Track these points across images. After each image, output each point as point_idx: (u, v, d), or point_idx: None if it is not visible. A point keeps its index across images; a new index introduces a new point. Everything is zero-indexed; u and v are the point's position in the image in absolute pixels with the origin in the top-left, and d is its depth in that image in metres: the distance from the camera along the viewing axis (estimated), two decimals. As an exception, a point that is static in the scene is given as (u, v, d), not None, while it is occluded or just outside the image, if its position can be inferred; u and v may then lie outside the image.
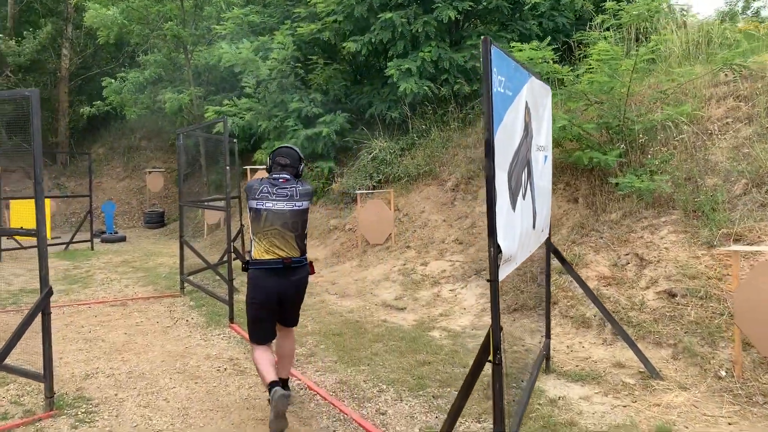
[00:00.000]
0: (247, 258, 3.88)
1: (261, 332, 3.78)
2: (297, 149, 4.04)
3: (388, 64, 10.21)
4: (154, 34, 14.93)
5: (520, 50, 8.75)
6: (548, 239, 4.51)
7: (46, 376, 3.88)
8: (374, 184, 10.14)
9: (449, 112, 10.43)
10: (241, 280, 7.37)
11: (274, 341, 3.93)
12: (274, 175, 3.87)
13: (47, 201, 12.88)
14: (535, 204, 3.82)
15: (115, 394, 4.28)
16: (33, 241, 12.59)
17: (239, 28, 12.41)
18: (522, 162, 3.47)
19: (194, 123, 15.38)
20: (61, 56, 19.04)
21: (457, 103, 10.45)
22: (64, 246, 12.31)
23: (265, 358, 3.72)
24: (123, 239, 14.32)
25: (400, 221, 8.91)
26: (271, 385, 3.57)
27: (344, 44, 10.63)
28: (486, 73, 2.74)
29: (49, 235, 13.00)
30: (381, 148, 10.37)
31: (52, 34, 18.41)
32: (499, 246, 2.78)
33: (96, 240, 13.43)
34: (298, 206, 3.78)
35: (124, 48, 19.03)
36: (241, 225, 9.89)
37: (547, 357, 4.72)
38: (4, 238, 11.66)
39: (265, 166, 4.52)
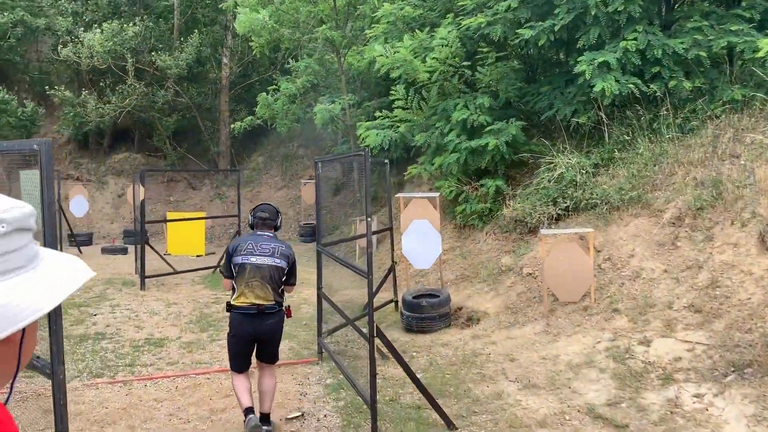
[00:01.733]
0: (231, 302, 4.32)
1: (239, 363, 4.33)
2: (274, 205, 4.62)
3: (579, 58, 7.96)
4: (305, 38, 13.88)
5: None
6: None
7: None
8: (559, 212, 7.94)
9: (661, 116, 7.93)
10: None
11: (254, 378, 4.52)
12: (258, 232, 4.42)
13: (201, 222, 12.34)
14: None
15: None
16: (184, 260, 12.17)
17: (392, 26, 10.77)
18: None
19: (347, 132, 14.18)
20: (221, 65, 18.95)
21: (671, 105, 7.90)
22: (212, 270, 11.58)
23: (243, 385, 4.25)
24: (273, 258, 13.44)
25: (600, 268, 6.66)
26: (247, 411, 4.09)
27: (518, 31, 8.54)
28: None
29: (203, 251, 12.52)
30: (568, 165, 8.13)
31: (211, 43, 18.34)
32: None
33: (247, 259, 12.64)
34: (277, 263, 4.29)
35: (280, 54, 18.46)
36: (393, 263, 8.26)
37: None
38: (153, 260, 11.19)
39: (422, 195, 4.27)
